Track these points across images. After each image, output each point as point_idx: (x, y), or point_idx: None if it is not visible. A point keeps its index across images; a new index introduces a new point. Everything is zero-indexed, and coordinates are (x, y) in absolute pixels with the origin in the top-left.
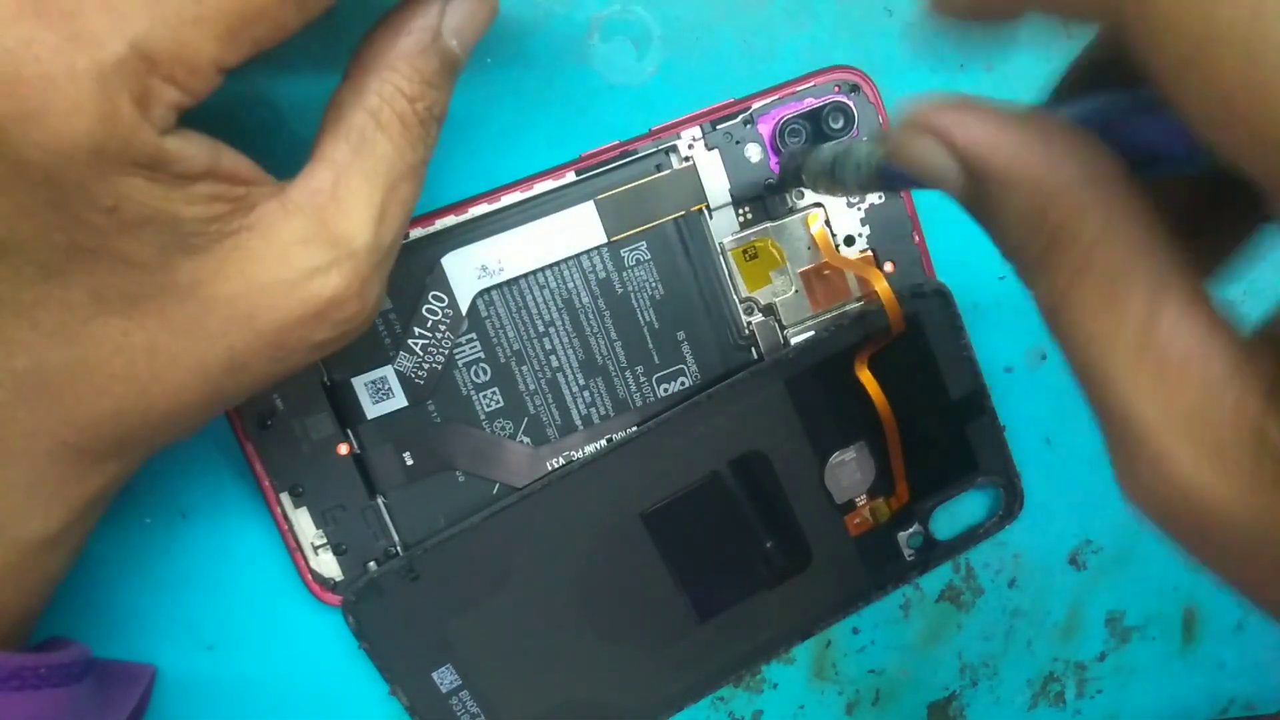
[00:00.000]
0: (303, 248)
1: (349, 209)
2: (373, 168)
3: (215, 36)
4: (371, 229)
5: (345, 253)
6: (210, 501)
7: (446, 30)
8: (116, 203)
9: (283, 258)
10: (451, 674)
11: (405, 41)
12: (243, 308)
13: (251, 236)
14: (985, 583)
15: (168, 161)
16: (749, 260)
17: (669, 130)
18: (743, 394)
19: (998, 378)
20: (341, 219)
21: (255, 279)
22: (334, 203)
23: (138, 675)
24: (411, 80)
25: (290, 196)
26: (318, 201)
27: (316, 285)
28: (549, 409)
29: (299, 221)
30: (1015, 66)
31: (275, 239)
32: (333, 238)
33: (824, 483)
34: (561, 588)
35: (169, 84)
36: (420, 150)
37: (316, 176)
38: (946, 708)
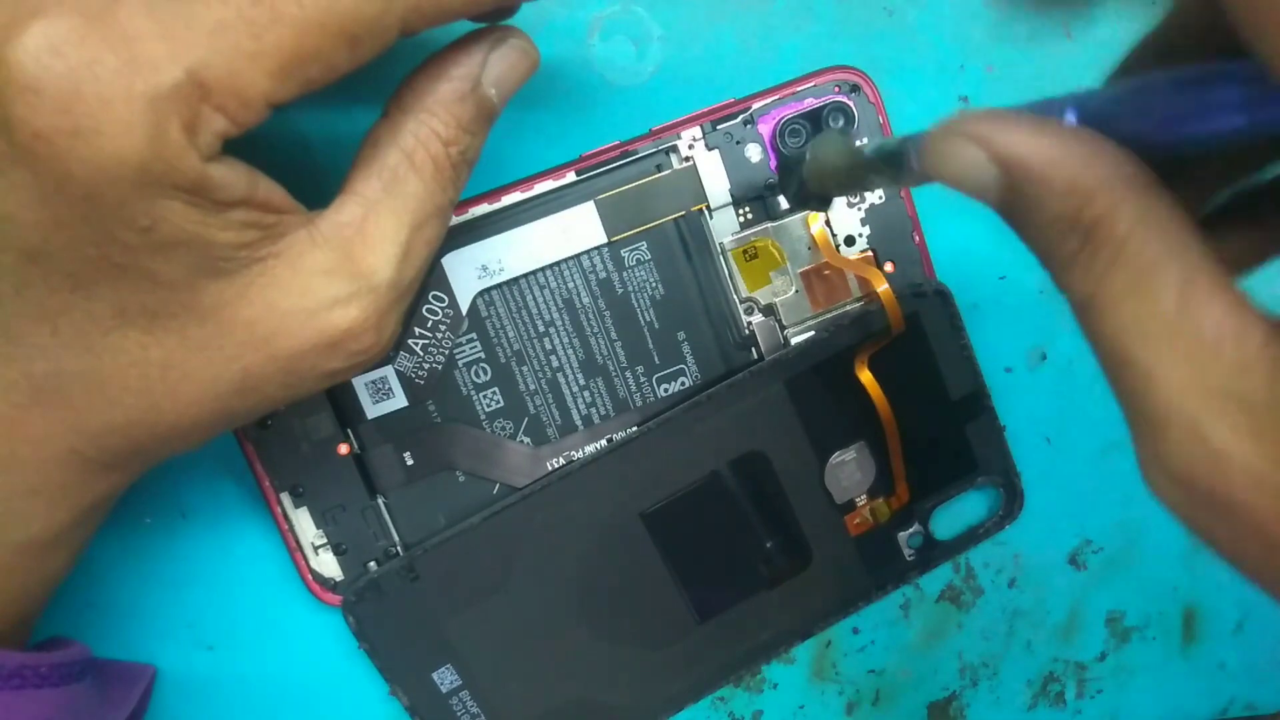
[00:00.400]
0: (325, 279)
1: (375, 244)
2: (402, 206)
3: (269, 72)
4: (395, 265)
5: (366, 286)
6: (210, 501)
7: (487, 80)
8: (153, 223)
9: (305, 287)
10: (451, 674)
11: (445, 87)
12: (260, 332)
13: (278, 264)
14: (985, 583)
15: (209, 187)
16: (749, 260)
17: (669, 130)
18: (743, 394)
19: (998, 378)
20: (367, 254)
21: (276, 305)
22: (361, 237)
23: (138, 675)
24: (448, 125)
25: (319, 228)
26: (345, 235)
27: (335, 316)
28: (549, 409)
29: (325, 253)
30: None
31: (300, 268)
32: (356, 271)
33: (824, 483)
34: (562, 588)
35: (219, 113)
36: (450, 192)
37: (346, 210)
38: (946, 708)
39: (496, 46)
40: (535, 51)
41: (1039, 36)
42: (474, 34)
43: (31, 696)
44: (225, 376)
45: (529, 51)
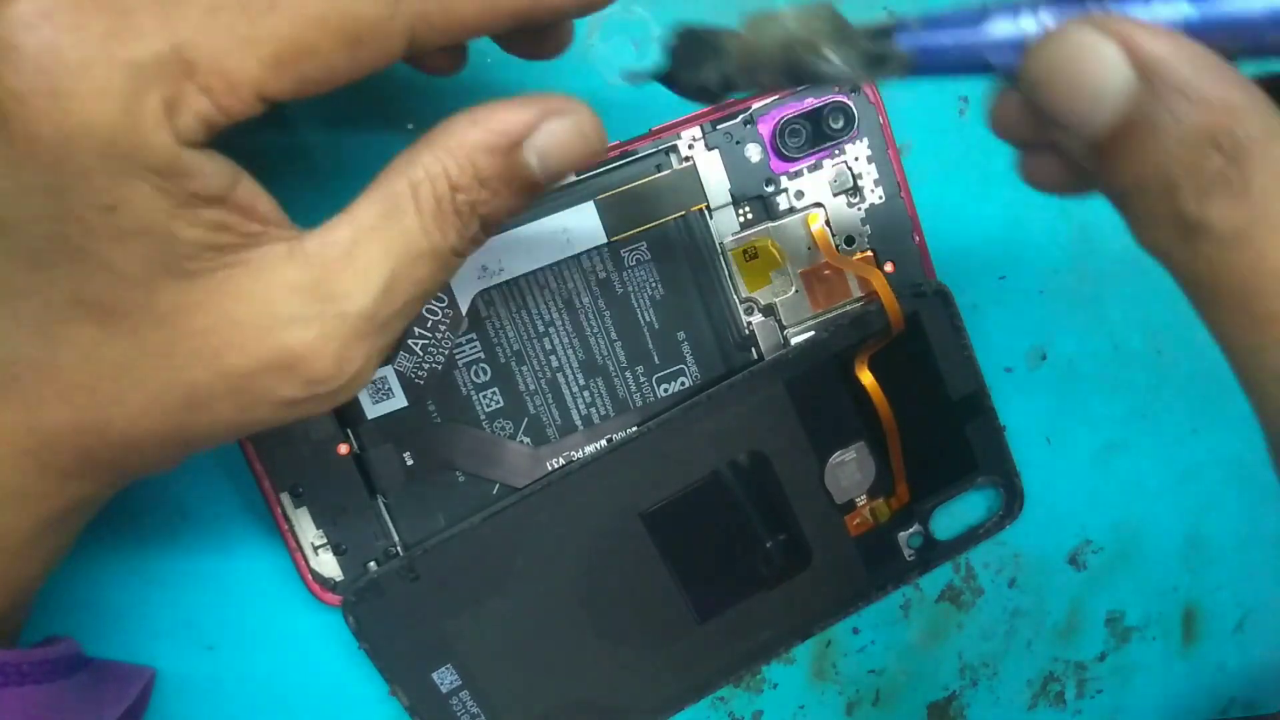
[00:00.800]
0: (290, 295)
1: (356, 271)
2: (394, 238)
3: (261, 60)
4: (374, 296)
5: (333, 311)
6: (210, 501)
7: (530, 145)
8: (116, 204)
9: (267, 300)
10: (451, 674)
11: (475, 133)
12: (212, 343)
13: (245, 274)
14: (985, 583)
15: (181, 173)
16: (749, 260)
17: (669, 130)
18: (743, 394)
19: (998, 378)
20: (343, 278)
21: (232, 316)
22: (344, 261)
23: (134, 676)
24: (463, 170)
25: (303, 244)
26: (327, 255)
27: (290, 335)
28: (549, 409)
29: (299, 270)
30: None
31: (267, 281)
32: (326, 293)
33: (824, 483)
34: (562, 588)
35: (203, 94)
36: (450, 239)
37: (336, 231)
38: (946, 708)
39: (555, 117)
40: (597, 138)
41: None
42: (536, 95)
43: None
44: (173, 389)
45: (589, 135)
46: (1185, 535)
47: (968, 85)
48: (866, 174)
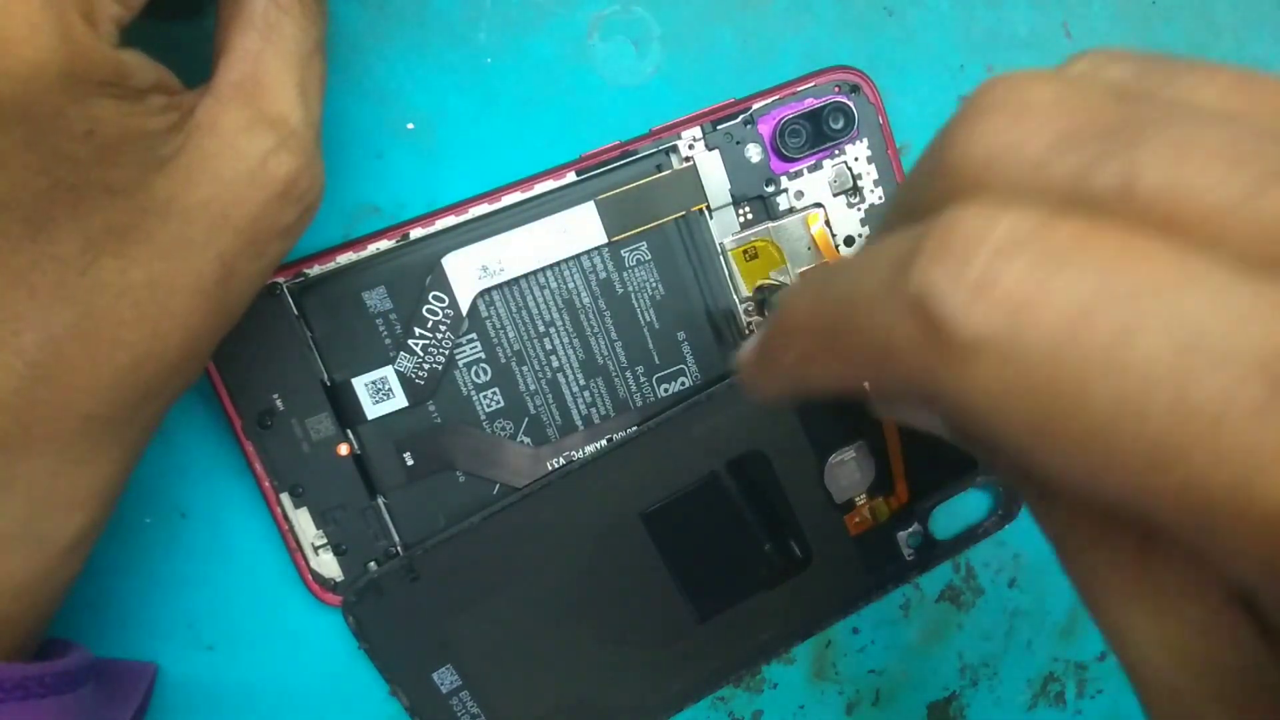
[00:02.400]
0: (249, 135)
1: (276, 92)
2: (284, 49)
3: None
4: (300, 105)
5: (287, 132)
6: (210, 501)
7: None
8: (92, 125)
9: (236, 150)
10: (451, 674)
11: None
12: (217, 209)
13: (203, 137)
14: (985, 583)
15: (127, 75)
16: (749, 260)
17: (669, 130)
18: (742, 394)
19: None
20: (272, 102)
21: (220, 177)
22: (260, 89)
23: (140, 674)
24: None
25: (219, 91)
26: (245, 90)
27: (273, 167)
28: (549, 409)
29: (236, 112)
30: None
31: (222, 133)
32: (271, 120)
33: (823, 482)
34: (562, 588)
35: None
36: (319, 25)
37: (235, 68)
38: (946, 708)
39: None
40: None
41: (1038, 36)
42: None
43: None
44: (205, 269)
45: None
46: None
47: (968, 85)
48: (866, 174)
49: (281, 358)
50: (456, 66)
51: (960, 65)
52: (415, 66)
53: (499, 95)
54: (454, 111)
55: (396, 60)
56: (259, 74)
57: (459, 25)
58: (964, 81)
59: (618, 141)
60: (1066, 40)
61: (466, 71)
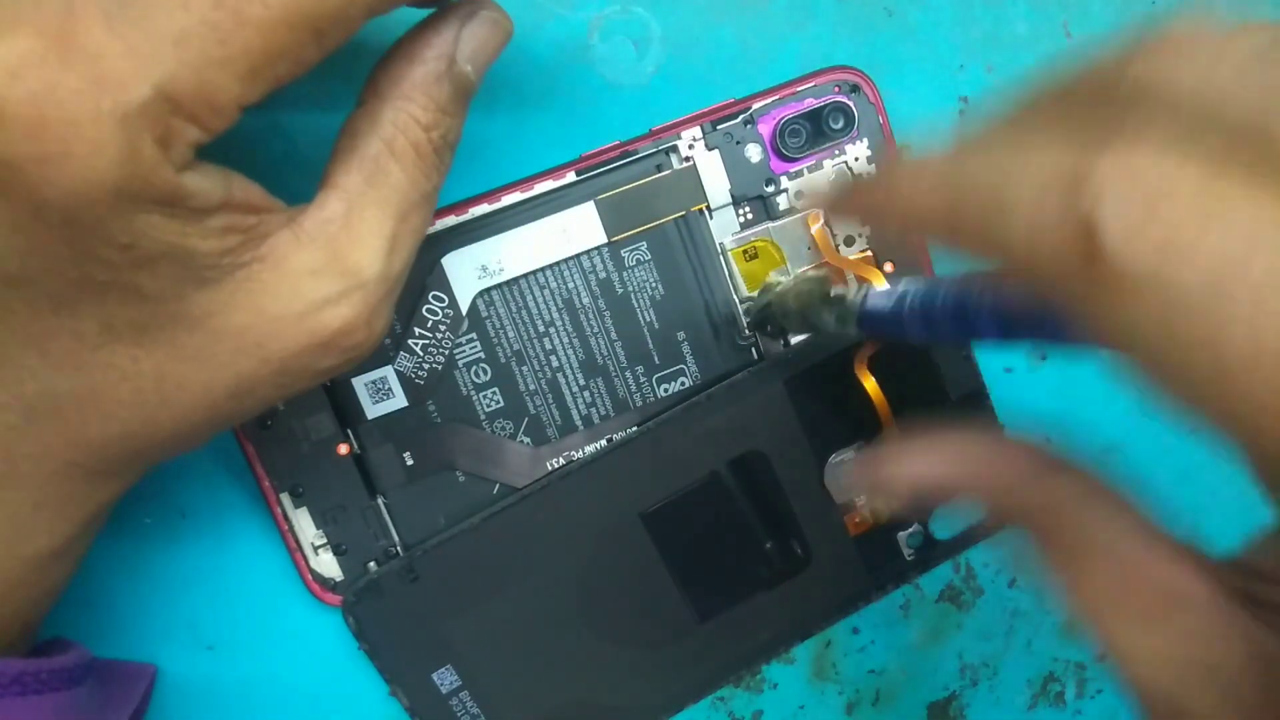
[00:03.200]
0: (314, 279)
1: (361, 239)
2: (386, 197)
3: (238, 76)
4: (383, 259)
5: (356, 283)
6: (210, 501)
7: (461, 56)
8: (133, 240)
9: (294, 289)
10: (451, 675)
11: (419, 70)
12: (252, 338)
13: (264, 268)
14: (985, 583)
15: (185, 197)
16: (749, 260)
17: (669, 130)
18: (742, 394)
19: (998, 378)
20: (353, 249)
21: (265, 310)
22: (346, 232)
23: (138, 675)
24: (426, 109)
25: (303, 226)
26: (330, 231)
27: (326, 316)
28: (549, 409)
29: (311, 252)
30: (1015, 67)
31: (287, 270)
32: (344, 268)
33: (823, 482)
34: (561, 588)
35: (191, 124)
36: (434, 179)
37: (329, 206)
38: (946, 708)
39: (467, 21)
40: (507, 20)
41: (1039, 36)
42: (443, 11)
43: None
44: (219, 383)
45: (500, 21)
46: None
47: (968, 85)
48: (866, 174)
49: None
50: None
51: (960, 65)
52: None
53: (499, 95)
54: None
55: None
56: (350, 218)
57: None
58: (964, 81)
59: (618, 141)
60: (1066, 40)
61: None
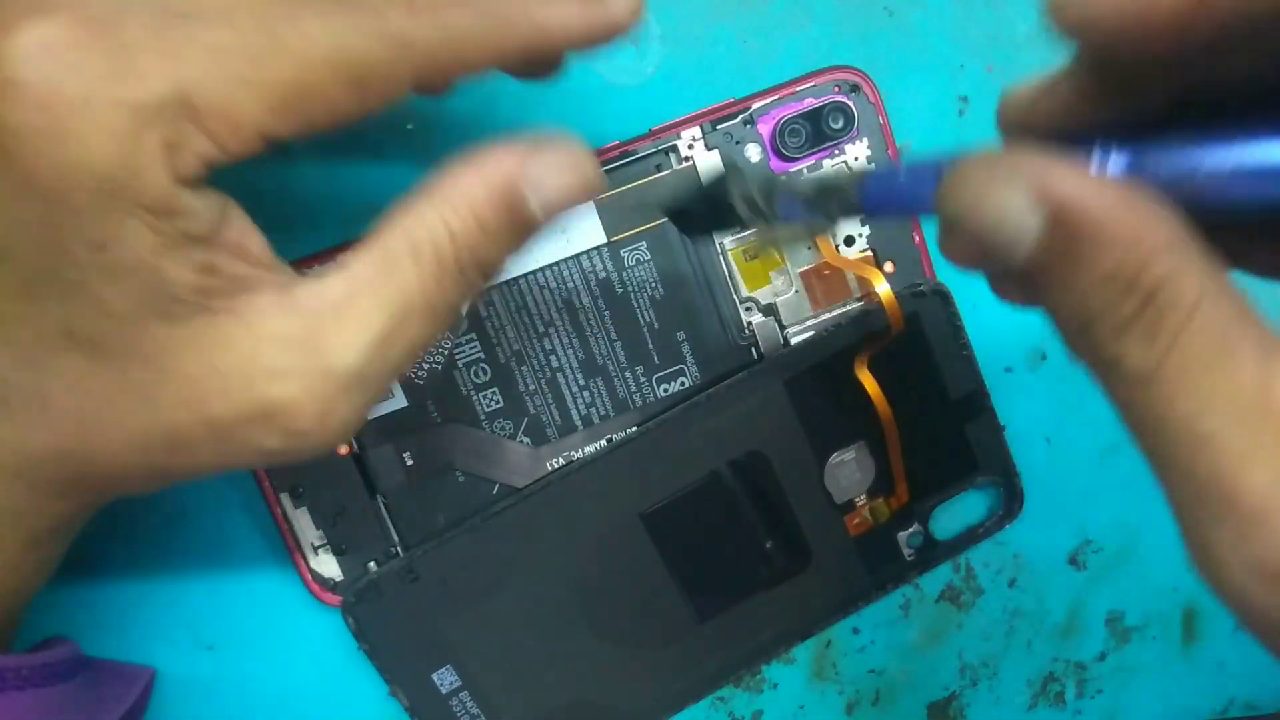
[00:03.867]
0: (276, 347)
1: (347, 327)
2: (390, 296)
3: (264, 101)
4: (363, 355)
5: (318, 368)
6: (210, 501)
7: (529, 186)
8: (106, 241)
9: (253, 351)
10: (451, 675)
11: (474, 181)
12: (197, 390)
13: (231, 321)
14: (985, 583)
15: (173, 212)
16: (749, 260)
17: (669, 130)
18: (742, 394)
19: (998, 378)
20: (334, 335)
21: (217, 365)
22: (335, 315)
23: (134, 676)
24: (464, 221)
25: (294, 295)
26: (317, 308)
27: (273, 388)
28: (549, 409)
29: (288, 321)
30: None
31: (255, 330)
32: (313, 348)
33: (824, 483)
34: (561, 589)
35: (205, 135)
36: (450, 295)
37: (330, 283)
38: (946, 708)
39: (555, 163)
40: (593, 172)
41: (1039, 36)
42: (528, 137)
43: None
44: (155, 430)
45: (585, 171)
46: None
47: (968, 85)
48: None
49: None
50: None
51: (960, 65)
52: None
53: (499, 95)
54: (454, 111)
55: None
56: (345, 302)
57: None
58: (964, 81)
59: (618, 141)
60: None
61: None
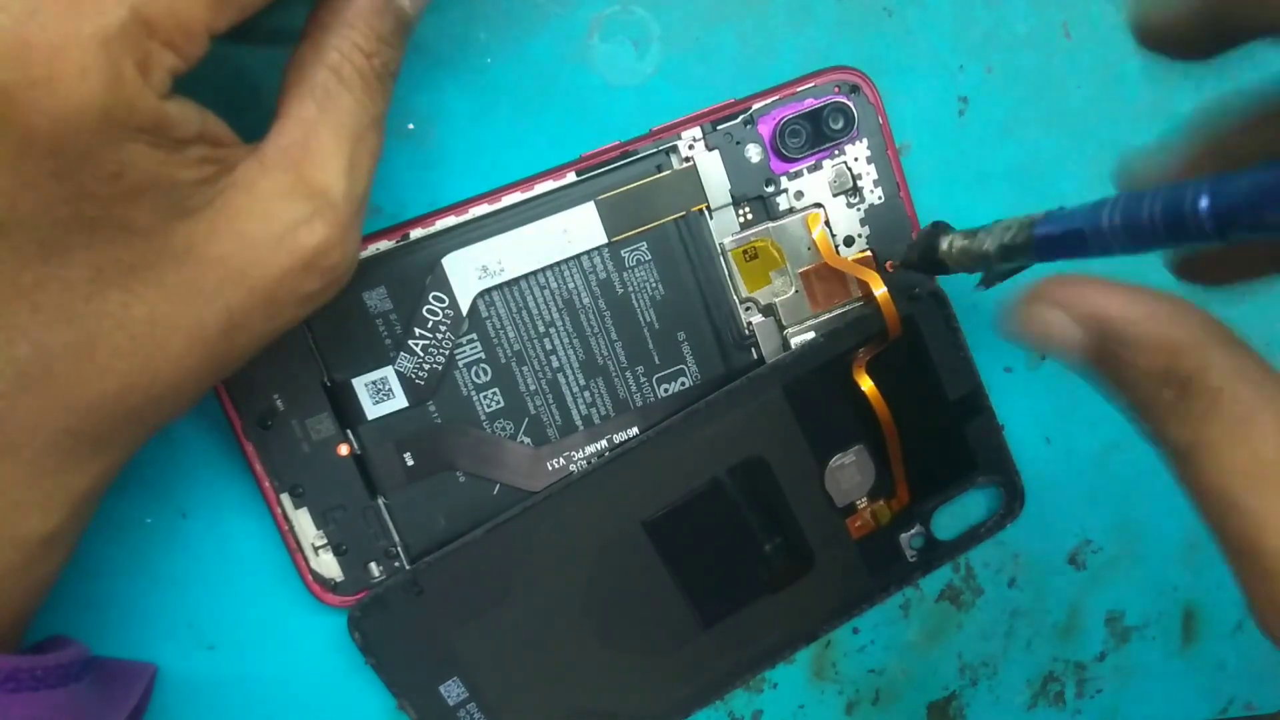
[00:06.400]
0: (285, 202)
1: (322, 162)
2: (339, 121)
3: (207, 3)
4: (346, 179)
5: (325, 203)
6: (210, 501)
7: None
8: (120, 169)
9: (268, 213)
10: (458, 686)
11: (360, 2)
12: (235, 265)
13: (236, 194)
14: (985, 583)
15: (168, 126)
16: (749, 260)
17: (669, 130)
18: (741, 400)
19: (997, 378)
20: (317, 172)
21: (245, 236)
22: (307, 157)
23: (138, 674)
24: (368, 38)
25: (265, 154)
26: (292, 156)
27: (303, 236)
28: (549, 409)
29: (277, 177)
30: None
31: (259, 195)
32: (311, 190)
33: (824, 486)
34: (566, 598)
35: (167, 49)
36: (380, 103)
37: (286, 134)
38: (946, 708)
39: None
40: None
41: (1038, 36)
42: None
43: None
44: (210, 318)
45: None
46: (1185, 535)
47: (968, 85)
48: (866, 174)
49: (282, 358)
50: (456, 66)
51: (960, 65)
52: (415, 66)
53: (499, 95)
54: (454, 111)
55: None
56: (308, 142)
57: (458, 25)
58: (964, 81)
59: (618, 141)
60: (1066, 40)
61: (466, 72)
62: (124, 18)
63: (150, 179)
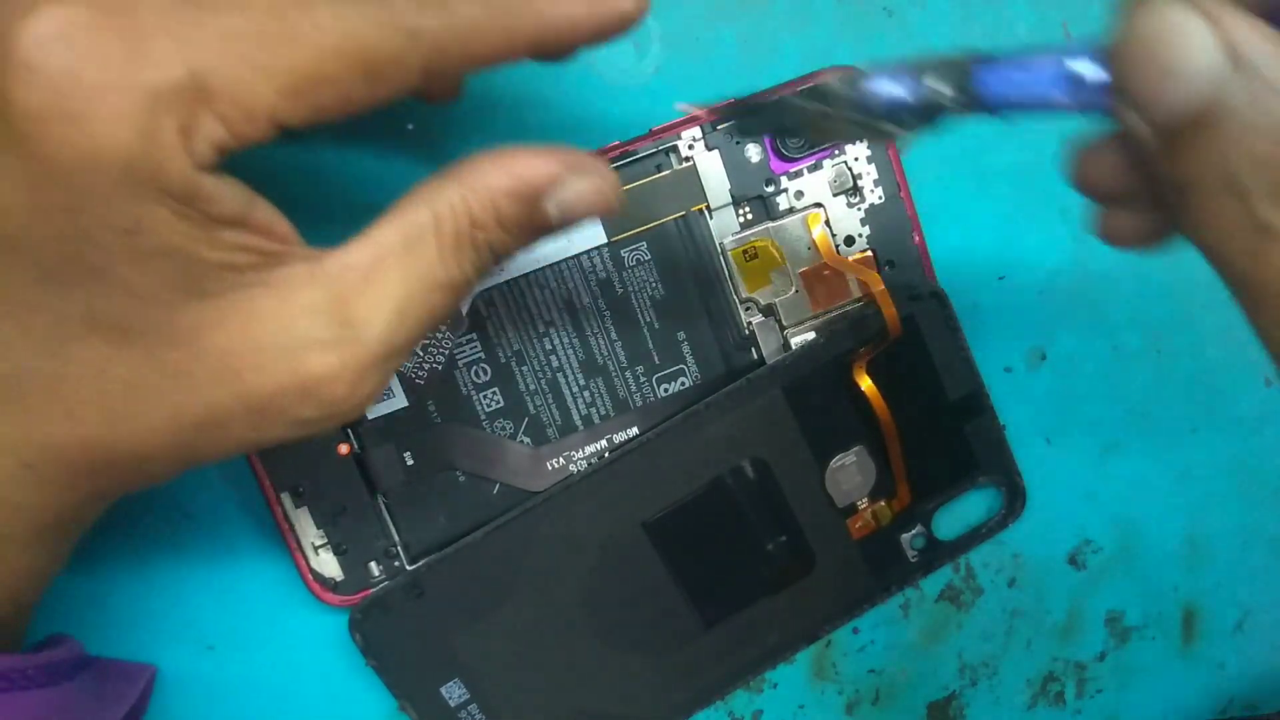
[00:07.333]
0: (311, 318)
1: (373, 296)
2: (413, 265)
3: (277, 89)
4: (388, 323)
5: (352, 336)
6: (211, 501)
7: (552, 198)
8: (136, 227)
9: (288, 323)
10: (460, 688)
11: (502, 178)
12: (233, 365)
13: (265, 294)
14: (985, 583)
15: (200, 199)
16: (749, 260)
17: (669, 130)
18: (742, 401)
19: (997, 378)
20: (362, 302)
21: (254, 337)
22: (362, 284)
23: (136, 674)
24: (485, 211)
25: (323, 264)
26: (347, 277)
27: (312, 359)
28: (549, 409)
29: (318, 292)
30: None
31: (288, 302)
32: (345, 317)
33: (825, 487)
34: (567, 599)
35: (219, 121)
36: (466, 273)
37: (355, 253)
38: (946, 708)
39: (578, 174)
40: (615, 198)
41: (1039, 36)
42: (562, 150)
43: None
44: (189, 409)
45: (607, 195)
46: (1185, 535)
47: None
48: (866, 174)
49: None
50: None
51: None
52: None
53: (499, 95)
54: (454, 112)
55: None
56: (371, 270)
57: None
58: None
59: (618, 141)
60: (1066, 40)
61: None
62: (179, 77)
63: (168, 247)
